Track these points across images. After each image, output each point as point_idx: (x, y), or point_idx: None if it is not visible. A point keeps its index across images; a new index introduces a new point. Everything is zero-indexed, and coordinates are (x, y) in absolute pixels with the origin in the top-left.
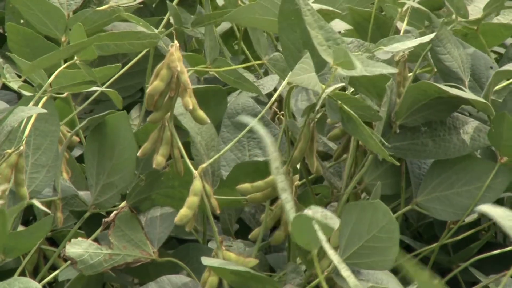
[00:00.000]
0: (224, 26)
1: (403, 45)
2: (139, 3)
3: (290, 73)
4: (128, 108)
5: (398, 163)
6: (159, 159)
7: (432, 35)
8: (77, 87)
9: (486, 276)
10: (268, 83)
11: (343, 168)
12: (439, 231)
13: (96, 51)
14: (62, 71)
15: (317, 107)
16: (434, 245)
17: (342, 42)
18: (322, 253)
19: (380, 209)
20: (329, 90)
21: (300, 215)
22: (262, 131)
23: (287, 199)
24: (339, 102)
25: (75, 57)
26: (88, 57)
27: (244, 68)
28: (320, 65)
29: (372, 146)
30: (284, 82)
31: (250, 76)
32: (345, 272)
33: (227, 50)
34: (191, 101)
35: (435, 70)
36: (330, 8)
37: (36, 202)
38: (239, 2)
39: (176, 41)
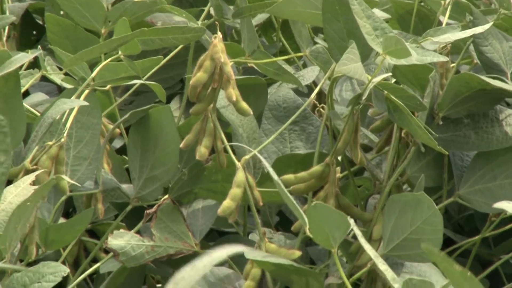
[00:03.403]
0: (262, 16)
1: (454, 36)
2: None
3: (335, 63)
4: (168, 100)
5: (446, 152)
6: (202, 150)
7: (487, 26)
8: (120, 81)
9: None
10: (308, 74)
11: (384, 160)
12: (480, 224)
13: (140, 46)
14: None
15: (364, 97)
16: (475, 238)
17: (390, 32)
18: None
19: (424, 201)
20: (376, 80)
21: (317, 204)
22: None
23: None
24: (386, 92)
25: (119, 52)
26: (132, 52)
27: (284, 60)
28: (364, 55)
29: (420, 135)
30: (327, 74)
31: (289, 68)
32: (383, 266)
33: (266, 41)
34: (234, 93)
35: (475, 61)
36: None
37: (66, 178)
38: None
39: (219, 32)
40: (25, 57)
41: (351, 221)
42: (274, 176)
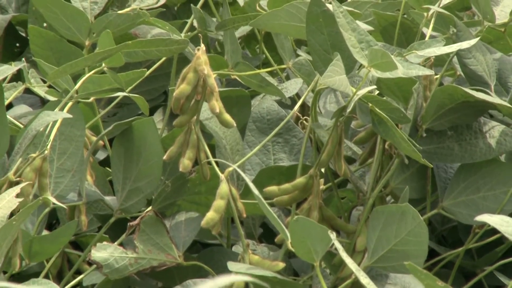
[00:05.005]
0: (245, 28)
1: (439, 50)
2: (161, 6)
3: (318, 75)
4: (151, 111)
5: (430, 165)
6: (185, 163)
7: (473, 41)
8: (103, 93)
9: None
10: (291, 86)
11: (367, 172)
12: (464, 235)
13: (123, 58)
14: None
15: (348, 110)
16: (459, 249)
17: (375, 44)
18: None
19: (409, 212)
20: (361, 92)
21: (299, 218)
22: None
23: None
24: (370, 104)
25: (103, 64)
26: (116, 64)
27: (267, 72)
28: (348, 68)
29: (404, 148)
30: (311, 86)
31: (272, 80)
32: (364, 279)
33: (249, 53)
34: (217, 105)
35: (458, 73)
36: (350, 9)
37: (51, 198)
38: (257, 6)
39: (202, 45)
40: (8, 69)
41: (333, 235)
42: (255, 190)
